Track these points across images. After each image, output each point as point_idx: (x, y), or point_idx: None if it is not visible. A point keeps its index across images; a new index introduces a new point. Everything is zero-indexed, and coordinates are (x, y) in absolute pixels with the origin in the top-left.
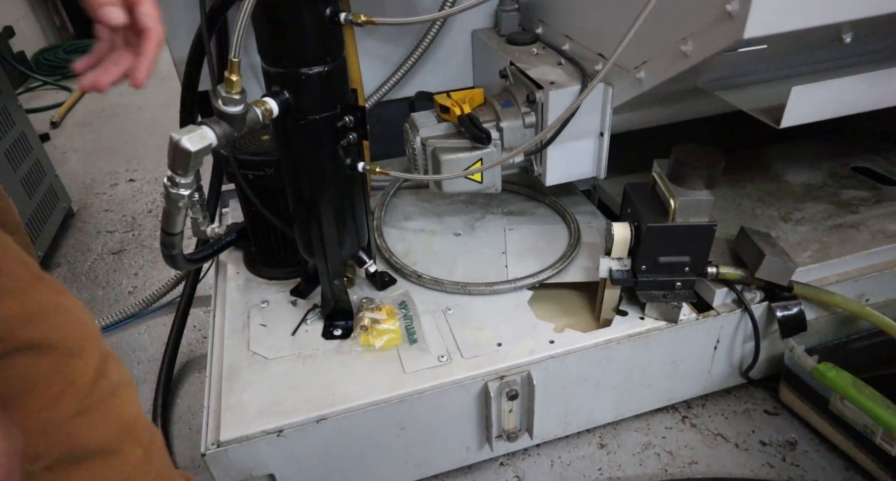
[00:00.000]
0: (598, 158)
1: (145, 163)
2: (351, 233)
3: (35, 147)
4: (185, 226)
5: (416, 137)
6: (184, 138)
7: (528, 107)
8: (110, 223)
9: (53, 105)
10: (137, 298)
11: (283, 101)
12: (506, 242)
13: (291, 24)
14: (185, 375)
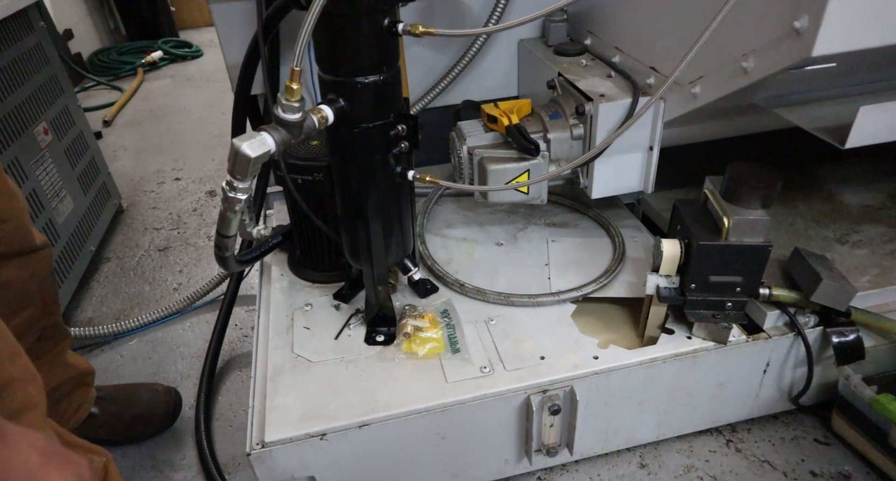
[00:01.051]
0: (646, 172)
1: (190, 162)
2: (397, 240)
3: (91, 145)
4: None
5: (462, 146)
6: (244, 144)
7: (577, 119)
8: (157, 220)
9: (105, 104)
10: (182, 295)
11: (338, 108)
12: (548, 254)
13: (350, 34)
14: (227, 373)
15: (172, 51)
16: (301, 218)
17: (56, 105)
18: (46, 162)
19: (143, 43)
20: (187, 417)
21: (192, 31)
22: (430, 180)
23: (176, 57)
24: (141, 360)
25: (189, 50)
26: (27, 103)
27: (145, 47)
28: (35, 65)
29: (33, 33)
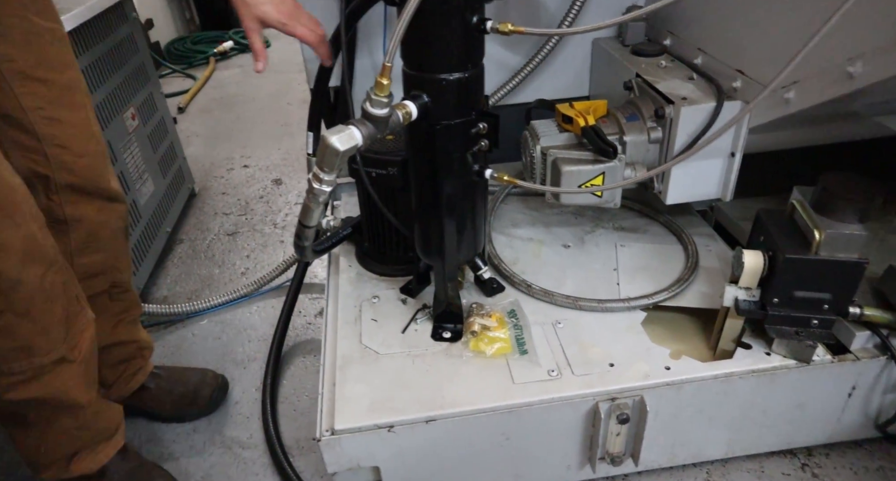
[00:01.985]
0: (726, 180)
1: (257, 150)
2: (469, 238)
3: (170, 131)
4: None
5: (536, 146)
6: (334, 138)
7: (655, 121)
8: (226, 206)
9: (180, 92)
10: (249, 279)
11: (421, 104)
12: (617, 259)
13: (439, 31)
14: (291, 358)
15: (242, 41)
16: (372, 211)
17: (142, 92)
18: (133, 145)
19: (215, 33)
20: (253, 399)
21: None
22: (507, 180)
23: (245, 47)
24: (211, 340)
25: None
26: (119, 90)
27: (217, 37)
28: (127, 54)
29: (126, 24)
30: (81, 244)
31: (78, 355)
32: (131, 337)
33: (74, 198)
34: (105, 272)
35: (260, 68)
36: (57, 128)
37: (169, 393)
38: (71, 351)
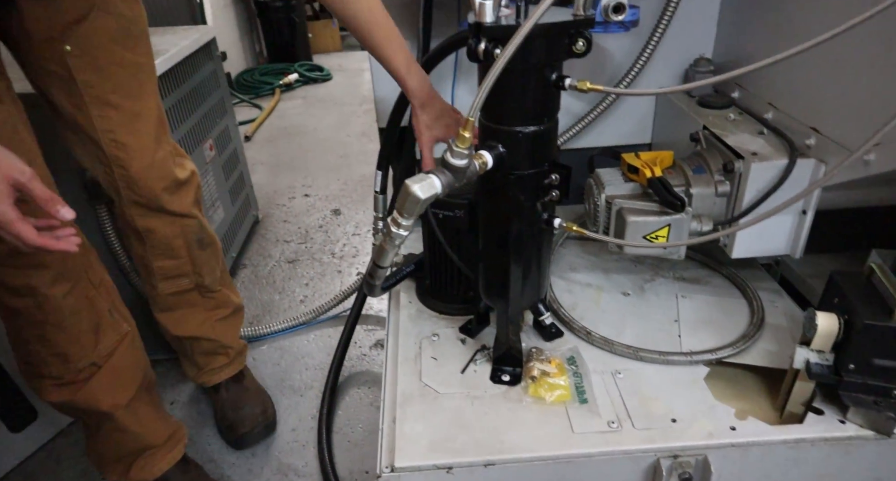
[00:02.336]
0: (797, 237)
1: (318, 180)
2: (534, 283)
3: (241, 160)
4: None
5: (601, 194)
6: (416, 186)
7: (723, 175)
8: (287, 233)
9: (246, 121)
10: (308, 307)
11: (497, 155)
12: (678, 310)
13: (519, 87)
14: (346, 388)
15: (306, 73)
16: (436, 250)
17: (220, 124)
18: (209, 175)
19: (281, 65)
20: (309, 427)
21: (324, 55)
22: (576, 230)
23: (308, 79)
24: (270, 365)
25: (320, 73)
26: (201, 122)
27: (283, 69)
28: (210, 89)
29: (212, 61)
30: (156, 251)
31: (106, 362)
32: (216, 335)
33: (142, 212)
34: (186, 275)
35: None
36: (121, 150)
37: (223, 415)
38: (101, 358)
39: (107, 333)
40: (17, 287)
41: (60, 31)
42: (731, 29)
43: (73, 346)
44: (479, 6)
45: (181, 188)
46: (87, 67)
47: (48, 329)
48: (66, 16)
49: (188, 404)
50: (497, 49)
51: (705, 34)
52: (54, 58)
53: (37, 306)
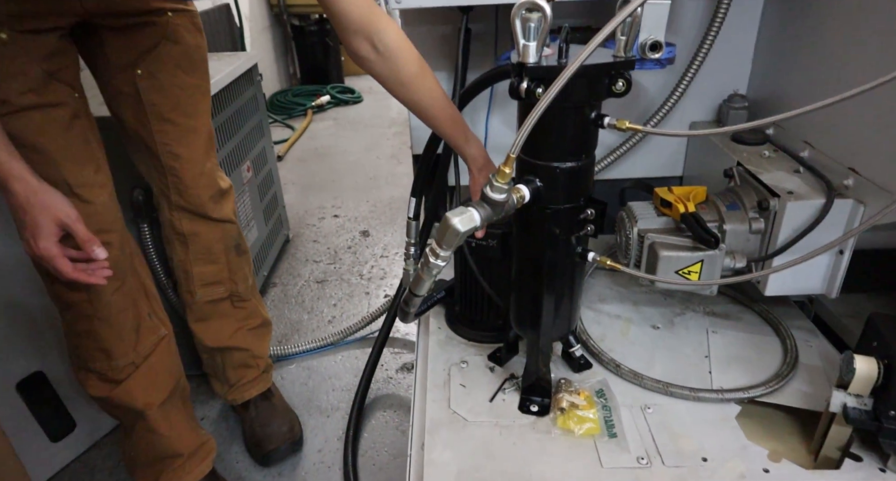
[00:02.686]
0: (833, 276)
1: (347, 201)
2: (565, 315)
3: (275, 181)
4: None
5: (633, 228)
6: (455, 219)
7: (758, 213)
8: (317, 253)
9: (279, 141)
10: (336, 328)
11: (534, 189)
12: (709, 345)
13: (558, 124)
14: (372, 411)
15: (337, 95)
16: (468, 278)
17: (258, 146)
18: (245, 195)
19: (313, 87)
20: (335, 448)
21: (356, 77)
22: (610, 264)
23: (340, 101)
24: (298, 385)
25: (352, 96)
26: (241, 144)
27: (315, 91)
28: (250, 112)
29: (252, 86)
30: (198, 255)
31: (143, 361)
32: (247, 344)
33: (188, 216)
34: (222, 282)
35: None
36: (176, 161)
37: (251, 432)
38: (138, 357)
39: (146, 334)
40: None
41: (135, 58)
42: (766, 66)
43: (117, 343)
44: (522, 47)
45: (223, 197)
46: (152, 89)
47: (96, 323)
48: (141, 46)
49: (217, 421)
50: (539, 88)
51: (740, 70)
52: (127, 81)
53: (88, 300)
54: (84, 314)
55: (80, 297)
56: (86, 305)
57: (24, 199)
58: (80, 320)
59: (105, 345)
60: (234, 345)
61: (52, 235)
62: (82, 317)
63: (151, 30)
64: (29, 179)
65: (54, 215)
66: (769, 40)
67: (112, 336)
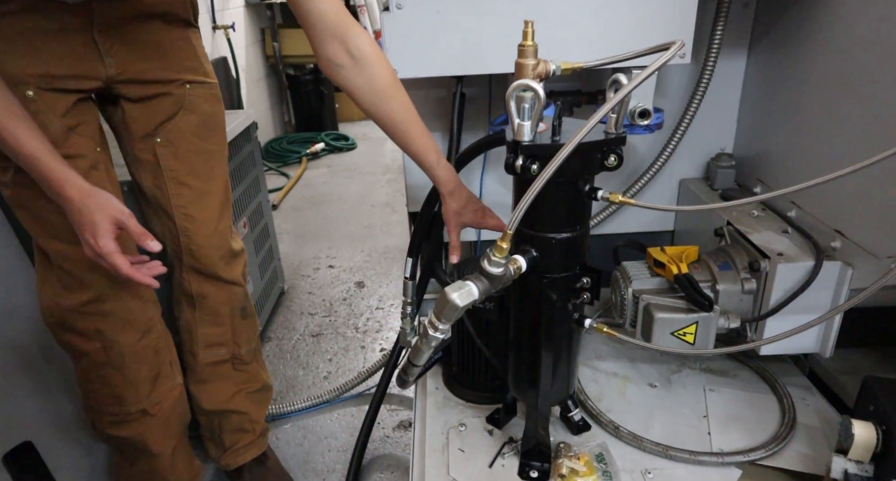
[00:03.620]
0: (826, 336)
1: (342, 251)
2: (562, 380)
3: (271, 235)
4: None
5: (628, 288)
6: (455, 294)
7: (749, 273)
8: (312, 306)
9: (274, 189)
10: (332, 385)
11: (531, 258)
12: (706, 404)
13: (553, 196)
14: (369, 472)
15: (332, 142)
16: (465, 339)
17: (254, 201)
18: None
19: (308, 134)
20: None
21: (350, 124)
22: (606, 331)
23: (334, 148)
24: (294, 446)
25: (346, 142)
26: (238, 201)
27: (310, 138)
28: (248, 168)
29: (250, 143)
30: (205, 316)
31: (158, 411)
32: (246, 408)
33: (198, 278)
34: (225, 344)
35: (454, 260)
36: (190, 222)
37: None
38: (153, 406)
39: (163, 382)
40: (88, 331)
41: (154, 128)
42: (750, 126)
43: (129, 390)
44: (517, 126)
45: (234, 259)
46: (170, 155)
47: (109, 370)
48: (160, 116)
49: None
50: (534, 165)
51: (726, 130)
52: (147, 148)
53: (103, 349)
54: (98, 362)
55: (94, 347)
56: (99, 354)
57: (80, 202)
58: (94, 368)
59: (117, 391)
60: (232, 409)
61: (109, 233)
62: (95, 365)
63: (170, 100)
64: (81, 183)
65: (110, 214)
66: (752, 102)
67: (124, 383)
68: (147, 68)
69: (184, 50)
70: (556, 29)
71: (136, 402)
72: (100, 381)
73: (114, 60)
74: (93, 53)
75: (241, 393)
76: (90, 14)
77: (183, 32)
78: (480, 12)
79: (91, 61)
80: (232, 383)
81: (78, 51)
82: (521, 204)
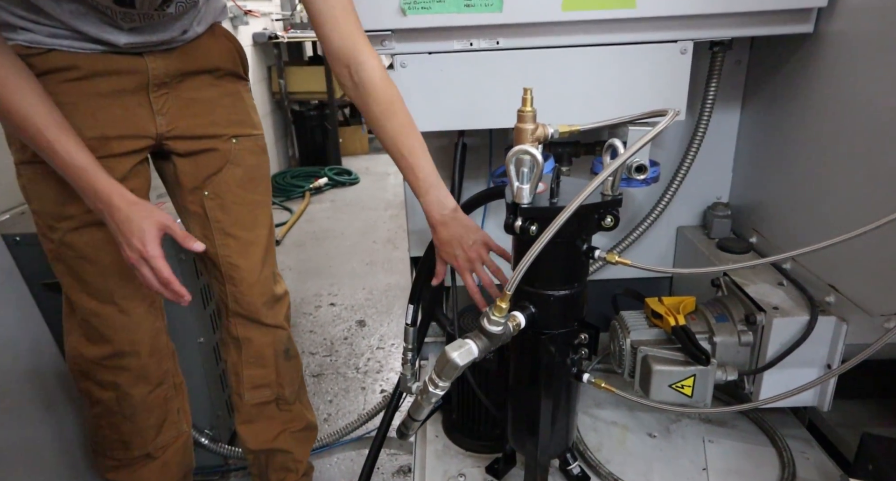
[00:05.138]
0: (823, 391)
1: (344, 288)
2: (561, 433)
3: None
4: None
5: (626, 339)
6: (455, 354)
7: (746, 326)
8: (313, 345)
9: (278, 224)
10: (331, 428)
11: (529, 315)
12: (706, 457)
13: (551, 256)
14: None
15: (335, 177)
16: (465, 389)
17: None
18: None
19: (312, 169)
20: None
21: (353, 157)
22: (604, 387)
23: (337, 183)
24: None
25: (349, 177)
26: None
27: (313, 173)
28: None
29: None
30: (250, 359)
31: (161, 454)
32: (290, 447)
33: (243, 322)
34: (269, 385)
35: (434, 283)
36: (235, 271)
37: None
38: (157, 450)
39: (168, 429)
40: (106, 382)
41: (202, 181)
42: (745, 176)
43: (136, 437)
44: (516, 189)
45: (277, 302)
46: (217, 207)
47: (119, 419)
48: (207, 170)
49: None
50: (533, 226)
51: (722, 179)
52: (196, 201)
53: (117, 400)
54: (110, 410)
55: (109, 396)
56: (113, 403)
57: (127, 210)
58: (105, 415)
59: (125, 438)
60: (277, 448)
61: (156, 239)
62: (108, 413)
63: (216, 155)
64: (125, 193)
65: (156, 220)
66: (746, 154)
67: (133, 431)
68: (195, 124)
69: (232, 105)
70: (553, 90)
71: (142, 447)
72: (110, 428)
73: (164, 118)
74: (146, 113)
75: (285, 433)
76: (145, 74)
77: (232, 86)
78: (481, 72)
79: (144, 121)
80: (276, 423)
81: (133, 111)
82: (520, 266)
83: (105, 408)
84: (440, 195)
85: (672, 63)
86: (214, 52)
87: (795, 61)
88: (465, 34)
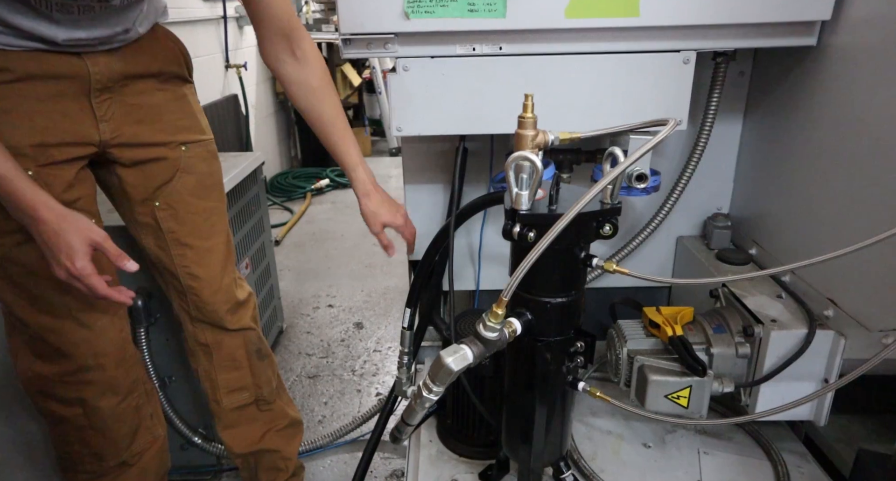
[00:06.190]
0: (820, 405)
1: (342, 290)
2: (555, 441)
3: (272, 274)
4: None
5: (622, 348)
6: (449, 359)
7: (744, 338)
8: (309, 346)
9: (278, 224)
10: (326, 430)
11: (525, 321)
12: (701, 469)
13: (549, 263)
14: None
15: (336, 179)
16: (459, 394)
17: (258, 242)
18: None
19: (314, 169)
20: None
21: None
22: (599, 396)
23: (338, 184)
24: None
25: None
26: (242, 242)
27: (315, 174)
28: (253, 210)
29: (256, 185)
30: (223, 362)
31: (137, 461)
32: (276, 446)
33: (210, 328)
34: (246, 387)
35: (391, 254)
36: (194, 281)
37: None
38: (131, 457)
39: (143, 435)
40: (69, 398)
41: (152, 192)
42: (746, 187)
43: (109, 447)
44: (515, 195)
45: (241, 307)
46: (170, 218)
47: (89, 432)
48: (157, 180)
49: None
50: (531, 233)
51: (723, 190)
52: (147, 213)
53: (84, 415)
54: (78, 426)
55: (75, 412)
56: (80, 419)
57: (55, 225)
58: (73, 431)
59: (96, 450)
60: (264, 448)
61: (86, 255)
62: (75, 429)
63: (166, 164)
64: (54, 206)
65: (86, 236)
66: (748, 165)
67: (105, 443)
68: (140, 131)
69: (179, 110)
70: (555, 96)
71: (116, 456)
72: (79, 443)
73: (108, 125)
74: (88, 119)
75: (270, 432)
76: (86, 77)
77: (178, 90)
78: (483, 77)
79: (86, 127)
80: (260, 424)
81: (74, 117)
82: (517, 272)
83: (72, 425)
84: (368, 171)
85: (675, 73)
86: (158, 54)
87: (798, 74)
88: (468, 39)
